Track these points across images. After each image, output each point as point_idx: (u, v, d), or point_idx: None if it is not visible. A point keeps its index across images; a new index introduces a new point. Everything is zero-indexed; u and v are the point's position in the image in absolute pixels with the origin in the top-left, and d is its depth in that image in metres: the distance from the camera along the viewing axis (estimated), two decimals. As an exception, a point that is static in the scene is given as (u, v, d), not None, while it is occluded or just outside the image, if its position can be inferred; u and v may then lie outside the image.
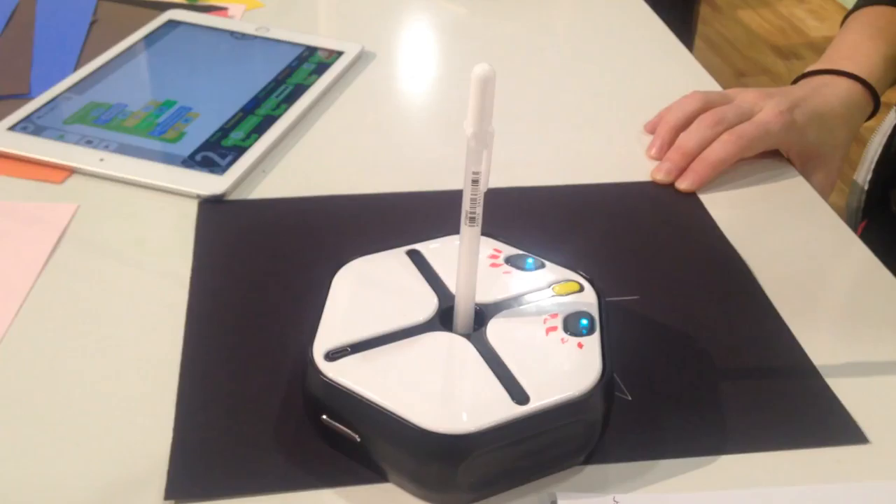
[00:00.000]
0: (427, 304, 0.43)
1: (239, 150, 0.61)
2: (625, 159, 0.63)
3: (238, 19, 0.80)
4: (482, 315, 0.42)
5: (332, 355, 0.40)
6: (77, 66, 0.71)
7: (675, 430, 0.43)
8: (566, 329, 0.42)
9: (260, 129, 0.63)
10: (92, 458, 0.41)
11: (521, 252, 0.46)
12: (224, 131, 0.63)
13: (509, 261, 0.46)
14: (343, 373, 0.39)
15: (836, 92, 0.65)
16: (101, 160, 0.59)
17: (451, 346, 0.41)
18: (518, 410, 0.38)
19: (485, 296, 0.43)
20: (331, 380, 0.39)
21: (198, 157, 0.60)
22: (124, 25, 0.75)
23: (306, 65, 0.72)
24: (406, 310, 0.42)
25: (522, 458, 0.39)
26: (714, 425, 0.43)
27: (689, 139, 0.60)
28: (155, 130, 0.63)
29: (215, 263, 0.52)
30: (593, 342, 0.41)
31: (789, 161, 0.64)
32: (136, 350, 0.46)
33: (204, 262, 0.52)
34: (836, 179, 0.66)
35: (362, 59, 0.75)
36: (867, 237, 0.56)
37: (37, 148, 0.60)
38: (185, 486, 0.39)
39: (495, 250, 0.46)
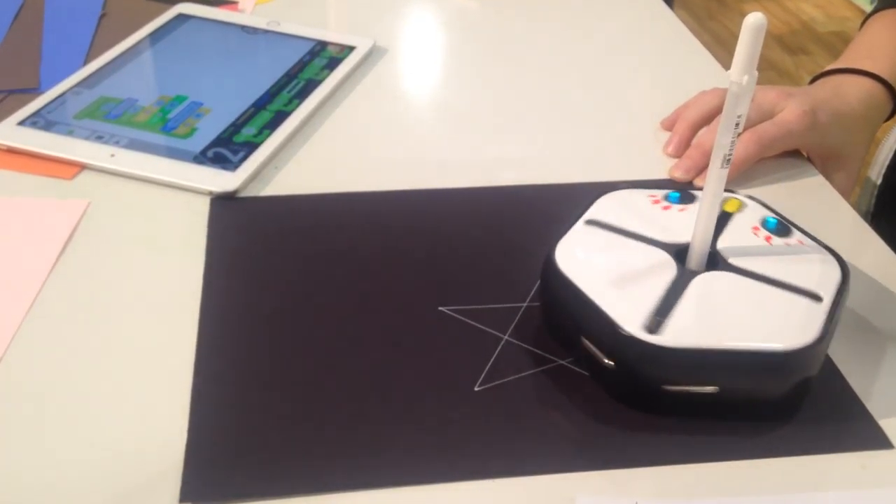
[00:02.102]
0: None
1: (251, 146, 0.60)
2: (641, 156, 0.63)
3: (248, 13, 0.79)
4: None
5: (651, 328, 0.42)
6: (87, 61, 0.70)
7: (698, 435, 0.42)
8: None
9: (272, 125, 0.63)
10: (105, 460, 0.40)
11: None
12: (236, 127, 0.62)
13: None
14: (678, 337, 0.42)
15: (856, 92, 0.64)
16: (112, 156, 0.59)
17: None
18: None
19: None
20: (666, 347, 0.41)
21: (209, 154, 0.60)
22: (134, 19, 0.75)
23: (318, 59, 0.71)
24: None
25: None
26: (736, 430, 0.43)
27: (709, 137, 0.60)
28: (166, 126, 0.62)
29: (228, 260, 0.52)
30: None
31: (809, 160, 0.63)
32: (148, 348, 0.46)
33: (216, 259, 0.52)
34: (856, 179, 0.65)
35: (374, 53, 0.74)
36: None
37: (47, 143, 0.60)
38: (200, 489, 0.39)
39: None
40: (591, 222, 0.48)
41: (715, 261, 0.46)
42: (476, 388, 0.44)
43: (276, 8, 0.80)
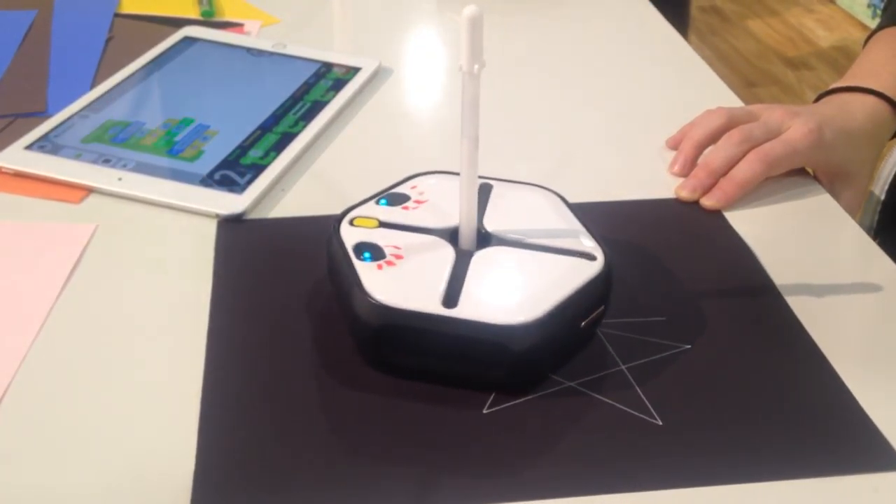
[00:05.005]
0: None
1: (258, 169, 0.60)
2: (646, 175, 0.63)
3: (254, 36, 0.79)
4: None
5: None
6: (93, 84, 0.70)
7: (705, 457, 0.42)
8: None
9: (278, 147, 0.63)
10: (114, 483, 0.40)
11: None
12: (242, 149, 0.63)
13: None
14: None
15: (862, 109, 0.64)
16: (119, 179, 0.59)
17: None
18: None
19: None
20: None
21: (216, 176, 0.60)
22: (140, 42, 0.75)
23: (324, 81, 0.71)
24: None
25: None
26: (744, 451, 0.43)
27: (715, 157, 0.60)
28: (173, 149, 0.62)
29: (235, 283, 0.52)
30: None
31: (816, 179, 0.63)
32: (157, 371, 0.46)
33: (224, 282, 0.52)
34: (863, 197, 0.65)
35: (379, 74, 0.74)
36: None
37: (54, 167, 0.60)
38: (210, 515, 0.39)
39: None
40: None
41: (486, 239, 0.48)
42: (485, 411, 0.44)
43: (282, 30, 0.81)
